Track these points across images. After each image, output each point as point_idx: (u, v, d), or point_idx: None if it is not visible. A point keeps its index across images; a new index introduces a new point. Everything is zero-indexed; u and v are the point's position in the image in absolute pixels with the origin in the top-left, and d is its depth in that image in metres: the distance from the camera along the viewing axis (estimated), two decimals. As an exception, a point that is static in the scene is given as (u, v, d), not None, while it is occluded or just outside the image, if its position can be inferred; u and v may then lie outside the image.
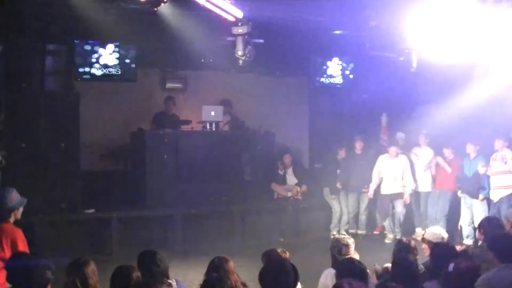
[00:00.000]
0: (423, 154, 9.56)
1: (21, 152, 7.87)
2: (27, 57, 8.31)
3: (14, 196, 4.85)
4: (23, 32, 8.04)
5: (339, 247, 4.83)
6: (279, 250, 4.68)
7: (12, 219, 4.87)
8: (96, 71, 8.91)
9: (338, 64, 10.70)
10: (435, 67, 9.30)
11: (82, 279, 3.91)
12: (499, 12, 6.65)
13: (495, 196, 8.61)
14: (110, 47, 8.92)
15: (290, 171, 10.24)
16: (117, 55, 8.99)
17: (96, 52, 8.85)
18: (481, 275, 4.19)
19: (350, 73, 10.78)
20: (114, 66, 8.99)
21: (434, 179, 9.47)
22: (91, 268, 4.00)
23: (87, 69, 8.84)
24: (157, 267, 4.09)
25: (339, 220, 9.78)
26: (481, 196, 8.81)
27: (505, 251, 4.44)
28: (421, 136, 9.62)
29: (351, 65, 10.75)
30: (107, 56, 8.92)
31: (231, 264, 4.34)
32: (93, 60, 8.84)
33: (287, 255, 4.66)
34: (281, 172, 10.21)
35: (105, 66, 8.94)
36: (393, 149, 9.43)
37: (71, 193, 8.53)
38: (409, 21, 7.65)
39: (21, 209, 4.97)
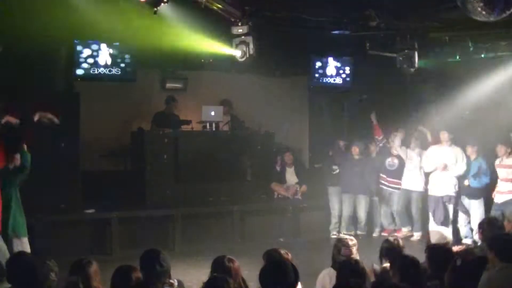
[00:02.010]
0: (415, 156, 9.45)
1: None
2: (27, 57, 8.30)
3: None
4: (23, 32, 8.03)
5: (338, 247, 4.83)
6: (282, 252, 4.66)
7: None
8: (96, 71, 8.90)
9: (338, 64, 10.69)
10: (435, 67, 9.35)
11: (85, 280, 3.91)
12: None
13: (500, 198, 8.45)
14: (110, 47, 8.91)
15: (291, 170, 10.23)
16: (117, 55, 8.98)
17: (96, 52, 8.84)
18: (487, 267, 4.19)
19: (350, 73, 10.77)
20: (113, 66, 8.98)
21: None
22: (94, 269, 4.01)
23: (87, 69, 8.83)
24: (161, 266, 4.09)
25: (338, 221, 9.78)
26: (467, 181, 8.78)
27: (506, 251, 4.44)
28: (412, 139, 9.50)
29: (351, 65, 10.74)
30: (107, 56, 8.92)
31: (237, 264, 4.32)
32: (93, 60, 8.83)
33: (289, 256, 4.64)
34: (278, 168, 10.19)
35: (105, 66, 8.93)
36: (445, 135, 8.89)
37: (71, 193, 8.52)
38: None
39: None
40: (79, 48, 8.76)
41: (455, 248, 5.74)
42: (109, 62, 8.94)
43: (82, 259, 4.05)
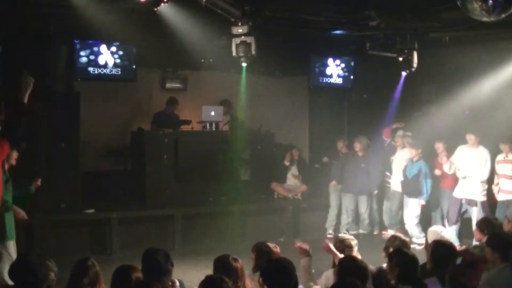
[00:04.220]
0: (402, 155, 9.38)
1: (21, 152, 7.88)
2: (27, 57, 8.30)
3: None
4: (23, 32, 8.04)
5: (341, 249, 4.84)
6: (271, 245, 4.69)
7: None
8: (96, 71, 8.89)
9: (338, 64, 10.69)
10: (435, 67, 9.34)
11: (90, 280, 3.92)
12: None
13: (504, 197, 8.32)
14: (110, 47, 8.91)
15: (294, 168, 10.23)
16: (117, 55, 8.97)
17: (96, 52, 8.83)
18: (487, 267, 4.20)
19: (350, 73, 10.77)
20: (114, 66, 8.97)
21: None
22: (97, 270, 4.01)
23: (87, 69, 8.82)
24: (162, 266, 4.10)
25: (335, 219, 9.76)
26: (422, 201, 8.90)
27: (510, 251, 4.46)
28: (397, 138, 9.47)
29: (351, 65, 10.74)
30: (107, 56, 8.92)
31: (242, 263, 4.29)
32: (93, 60, 8.82)
33: (278, 249, 4.69)
34: (286, 164, 10.17)
35: (105, 66, 8.92)
36: (471, 137, 8.51)
37: (71, 193, 8.52)
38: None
39: None
40: (79, 48, 8.76)
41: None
42: (109, 62, 8.93)
43: (87, 259, 4.05)
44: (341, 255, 4.71)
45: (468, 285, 3.96)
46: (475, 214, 8.47)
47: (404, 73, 9.40)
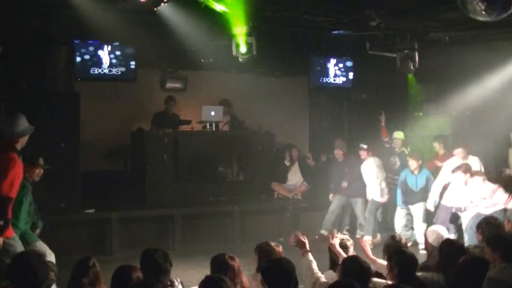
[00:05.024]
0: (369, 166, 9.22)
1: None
2: (27, 57, 8.31)
3: (23, 121, 4.84)
4: (23, 32, 8.04)
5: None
6: (273, 244, 4.70)
7: (18, 146, 4.87)
8: (96, 71, 8.89)
9: (337, 64, 10.69)
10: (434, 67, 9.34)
11: (91, 280, 3.92)
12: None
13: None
14: (110, 47, 8.91)
15: (295, 167, 10.21)
16: (117, 55, 8.98)
17: (96, 52, 8.83)
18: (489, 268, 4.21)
19: (350, 73, 10.77)
20: (114, 66, 8.97)
21: None
22: (98, 270, 4.01)
23: (87, 69, 8.82)
24: (161, 265, 4.10)
25: (333, 223, 9.63)
26: (428, 205, 8.51)
27: (510, 251, 4.46)
28: (362, 152, 9.18)
29: (351, 65, 10.74)
30: (107, 56, 8.92)
31: (239, 262, 4.29)
32: (93, 60, 8.82)
33: (280, 249, 4.70)
34: (287, 163, 10.17)
35: (105, 66, 8.92)
36: (459, 150, 8.29)
37: (71, 193, 8.52)
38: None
39: (26, 138, 4.96)
40: (79, 48, 8.75)
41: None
42: (109, 62, 8.93)
43: (88, 259, 4.05)
44: (344, 254, 4.70)
45: (470, 285, 3.96)
46: (465, 219, 8.14)
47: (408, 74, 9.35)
